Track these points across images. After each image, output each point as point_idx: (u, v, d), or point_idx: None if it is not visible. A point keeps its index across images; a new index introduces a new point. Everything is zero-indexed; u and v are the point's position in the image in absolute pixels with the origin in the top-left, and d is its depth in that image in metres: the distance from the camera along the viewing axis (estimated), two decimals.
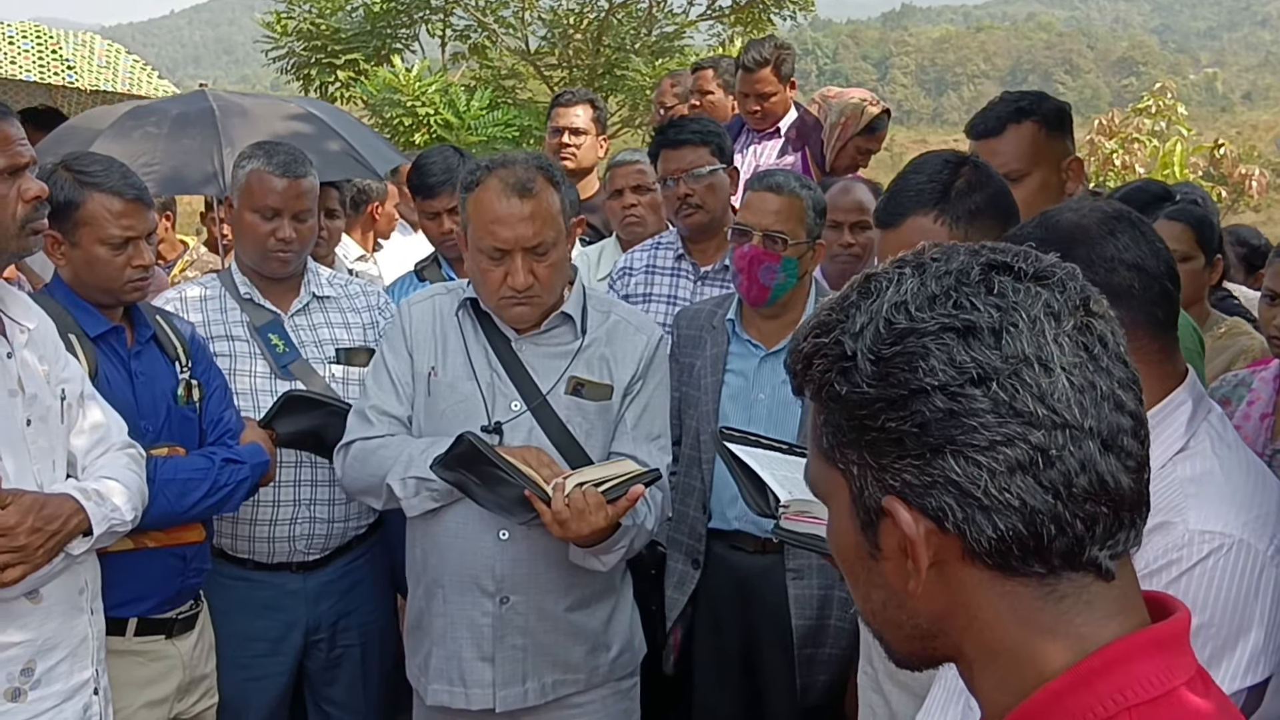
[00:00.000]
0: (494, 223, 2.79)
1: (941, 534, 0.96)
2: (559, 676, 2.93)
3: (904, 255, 1.03)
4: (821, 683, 3.41)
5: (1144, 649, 0.96)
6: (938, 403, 0.94)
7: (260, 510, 3.40)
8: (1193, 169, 12.60)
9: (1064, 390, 0.94)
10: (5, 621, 2.45)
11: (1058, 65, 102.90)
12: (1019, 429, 0.93)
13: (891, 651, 1.08)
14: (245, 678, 3.41)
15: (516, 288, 2.80)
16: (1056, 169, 2.95)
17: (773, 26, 14.24)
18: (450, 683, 2.92)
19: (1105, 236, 1.86)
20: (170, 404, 3.08)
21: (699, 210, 4.10)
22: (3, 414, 2.44)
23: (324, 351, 3.53)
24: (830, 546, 1.09)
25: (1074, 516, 0.95)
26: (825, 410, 1.02)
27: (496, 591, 2.87)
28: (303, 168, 3.46)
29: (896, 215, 2.40)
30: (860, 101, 5.10)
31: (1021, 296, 0.96)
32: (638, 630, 3.13)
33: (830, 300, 1.05)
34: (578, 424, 2.89)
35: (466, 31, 14.79)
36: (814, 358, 1.01)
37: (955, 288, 0.97)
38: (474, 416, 2.86)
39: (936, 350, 0.94)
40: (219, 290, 3.52)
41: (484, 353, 2.92)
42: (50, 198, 2.91)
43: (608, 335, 2.96)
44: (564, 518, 2.63)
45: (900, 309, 0.97)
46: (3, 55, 6.69)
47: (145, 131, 4.92)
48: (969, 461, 0.94)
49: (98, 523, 2.54)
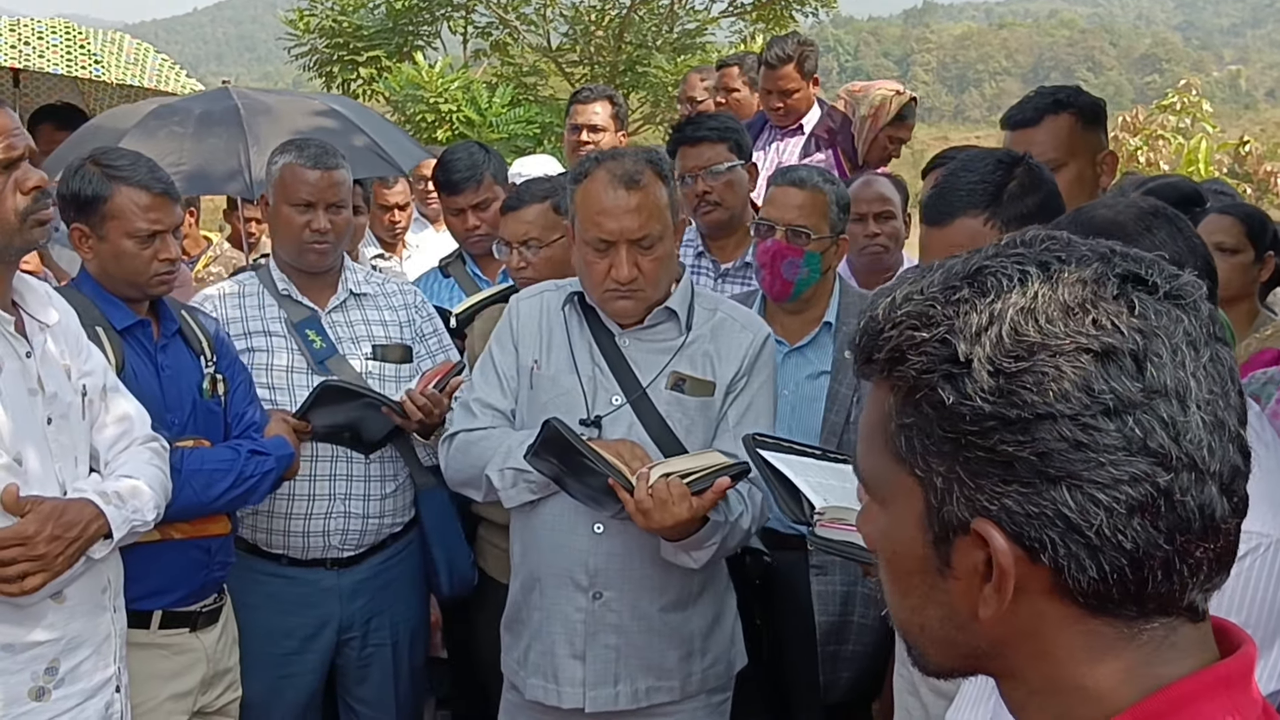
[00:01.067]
0: (600, 214, 2.76)
1: (1032, 564, 0.89)
2: (652, 683, 2.87)
3: (1018, 240, 0.95)
4: (845, 680, 3.39)
5: (1211, 689, 0.89)
6: (1065, 432, 0.85)
7: (295, 505, 3.40)
8: (1217, 166, 12.52)
9: (1197, 429, 0.86)
10: (30, 621, 2.45)
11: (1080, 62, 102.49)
12: (1147, 469, 0.86)
13: (927, 663, 1.01)
14: (277, 674, 3.41)
15: (620, 280, 2.77)
16: (1092, 162, 2.94)
17: (794, 23, 14.24)
18: (545, 678, 2.89)
19: (1142, 233, 1.85)
20: (196, 397, 3.09)
21: (717, 207, 4.09)
22: (24, 413, 2.44)
23: (360, 348, 3.53)
24: (880, 550, 1.01)
25: (1182, 561, 0.88)
26: (915, 413, 0.92)
27: (590, 586, 2.83)
28: (334, 160, 3.48)
29: (945, 215, 2.36)
30: (888, 91, 5.09)
31: (1164, 321, 0.88)
32: (738, 641, 3.05)
33: (922, 284, 0.94)
34: (677, 419, 2.85)
35: (488, 28, 14.84)
36: (909, 351, 0.91)
37: (1093, 301, 0.88)
38: (574, 410, 2.83)
39: (1072, 373, 0.86)
40: (257, 287, 3.54)
41: (587, 347, 2.90)
42: (78, 192, 2.94)
43: (712, 332, 2.91)
44: (646, 507, 2.59)
45: (1028, 317, 0.87)
46: (31, 49, 6.75)
47: (170, 130, 4.94)
48: (1087, 498, 0.86)
49: (118, 526, 2.53)
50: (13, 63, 6.72)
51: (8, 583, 2.36)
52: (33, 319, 2.54)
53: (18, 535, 2.35)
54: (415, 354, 3.60)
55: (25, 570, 2.36)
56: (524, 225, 3.58)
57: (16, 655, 2.42)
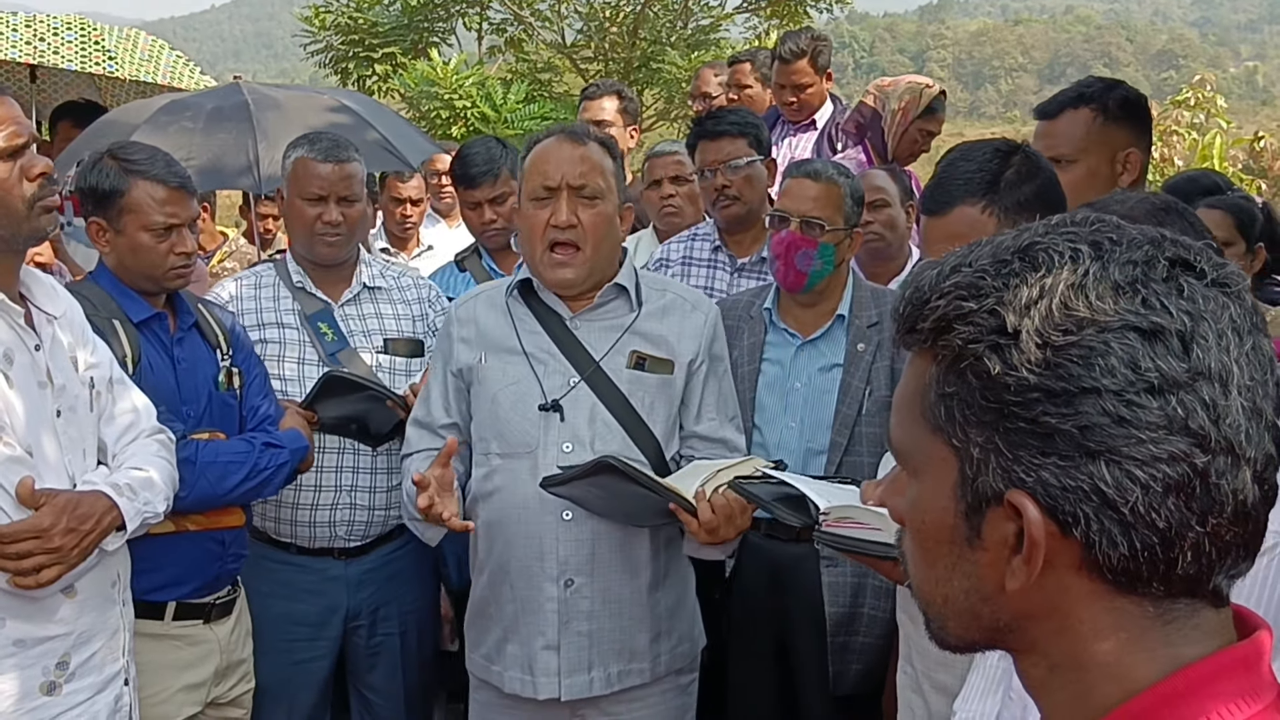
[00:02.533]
0: (543, 163, 2.85)
1: (1062, 538, 0.90)
2: (624, 666, 2.90)
3: (1069, 220, 0.96)
4: (855, 671, 3.40)
5: (1229, 670, 0.90)
6: (1108, 407, 0.86)
7: (303, 495, 3.43)
8: (1232, 162, 12.46)
9: (1237, 414, 0.87)
10: (42, 616, 2.47)
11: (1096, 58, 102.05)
12: (1186, 448, 0.86)
13: (946, 636, 1.02)
14: (288, 661, 3.44)
15: (559, 223, 2.81)
16: (1110, 159, 2.91)
17: (809, 19, 14.22)
18: (521, 670, 2.91)
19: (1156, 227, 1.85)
20: (211, 390, 3.12)
21: (736, 202, 4.10)
22: (33, 407, 2.45)
23: (372, 341, 3.56)
24: (908, 520, 1.01)
25: (1212, 544, 0.89)
26: (958, 382, 0.93)
27: (560, 575, 2.85)
28: (346, 153, 3.52)
29: (943, 204, 2.39)
30: (917, 85, 5.07)
31: (1211, 306, 0.89)
32: (698, 621, 3.11)
33: (970, 258, 0.95)
34: (639, 398, 2.88)
35: (503, 25, 14.85)
36: (956, 321, 0.92)
37: (1143, 281, 0.89)
38: (528, 396, 2.86)
39: (1119, 349, 0.87)
40: (274, 279, 3.58)
41: (534, 334, 2.92)
42: (96, 185, 2.97)
43: (664, 311, 2.96)
44: (713, 525, 2.66)
45: (1079, 293, 0.88)
46: (46, 46, 6.79)
47: (181, 126, 4.97)
48: (1124, 473, 0.87)
49: (130, 518, 2.55)
50: (28, 59, 6.76)
51: (24, 575, 2.37)
52: (40, 311, 2.56)
53: (34, 528, 2.37)
54: (426, 348, 3.62)
55: (41, 563, 2.38)
56: None
57: (29, 650, 2.44)
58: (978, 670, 1.91)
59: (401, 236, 6.12)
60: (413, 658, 3.67)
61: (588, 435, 2.84)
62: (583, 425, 2.85)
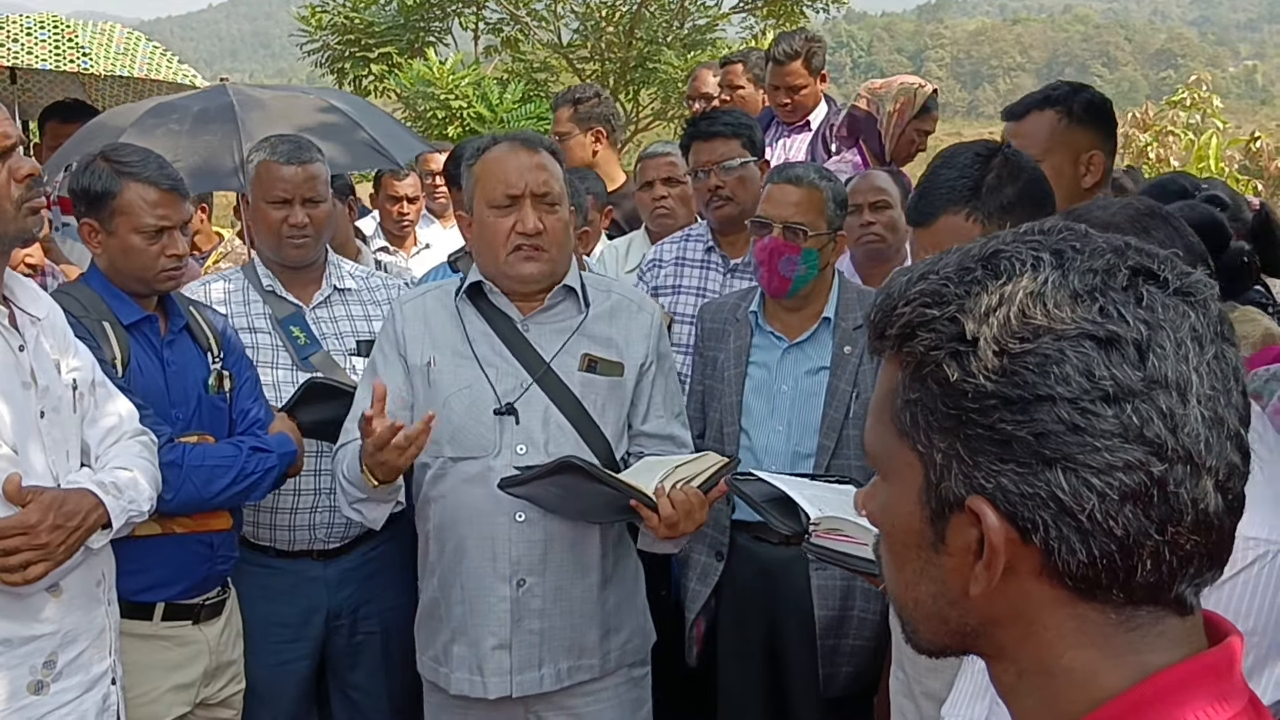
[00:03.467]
0: (505, 171, 2.88)
1: (1023, 545, 0.90)
2: (573, 662, 2.94)
3: (1036, 228, 0.96)
4: (845, 674, 3.41)
5: (1198, 677, 0.91)
6: (1063, 414, 0.87)
7: (281, 499, 3.43)
8: (1229, 162, 12.47)
9: (1195, 423, 0.88)
10: (27, 615, 2.47)
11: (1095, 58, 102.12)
12: (1142, 457, 0.87)
13: (919, 640, 1.03)
14: (271, 663, 3.44)
15: (527, 230, 2.84)
16: (1073, 160, 2.95)
17: (805, 19, 14.22)
18: (470, 671, 2.93)
19: (1139, 234, 1.83)
20: (201, 393, 3.12)
21: (729, 202, 4.10)
22: (17, 407, 2.46)
23: (345, 344, 3.56)
24: (881, 524, 1.03)
25: (1172, 553, 0.89)
26: (920, 388, 0.94)
27: (512, 575, 2.88)
28: (308, 154, 3.50)
29: (927, 215, 2.39)
30: (910, 85, 5.07)
31: (1170, 315, 0.89)
32: (648, 617, 3.15)
33: (938, 266, 0.96)
34: (591, 400, 2.91)
35: (499, 25, 14.86)
36: (919, 328, 0.93)
37: (1101, 290, 0.89)
38: (481, 400, 2.87)
39: (1074, 357, 0.87)
40: (242, 283, 3.58)
41: (486, 336, 2.94)
42: (88, 187, 2.97)
43: (611, 312, 2.99)
44: (674, 520, 2.69)
45: (1037, 301, 0.89)
46: (20, 46, 6.74)
47: (168, 129, 4.97)
48: (1080, 481, 0.87)
49: (116, 515, 2.56)
50: (3, 61, 6.72)
51: (10, 572, 2.38)
52: (24, 312, 2.56)
53: (20, 524, 2.38)
54: None
55: (28, 559, 2.39)
56: None
57: (15, 649, 2.45)
58: (965, 675, 1.91)
59: (398, 235, 6.12)
60: (395, 656, 3.65)
61: (541, 437, 2.86)
62: (536, 427, 2.87)
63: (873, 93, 5.06)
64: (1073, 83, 3.11)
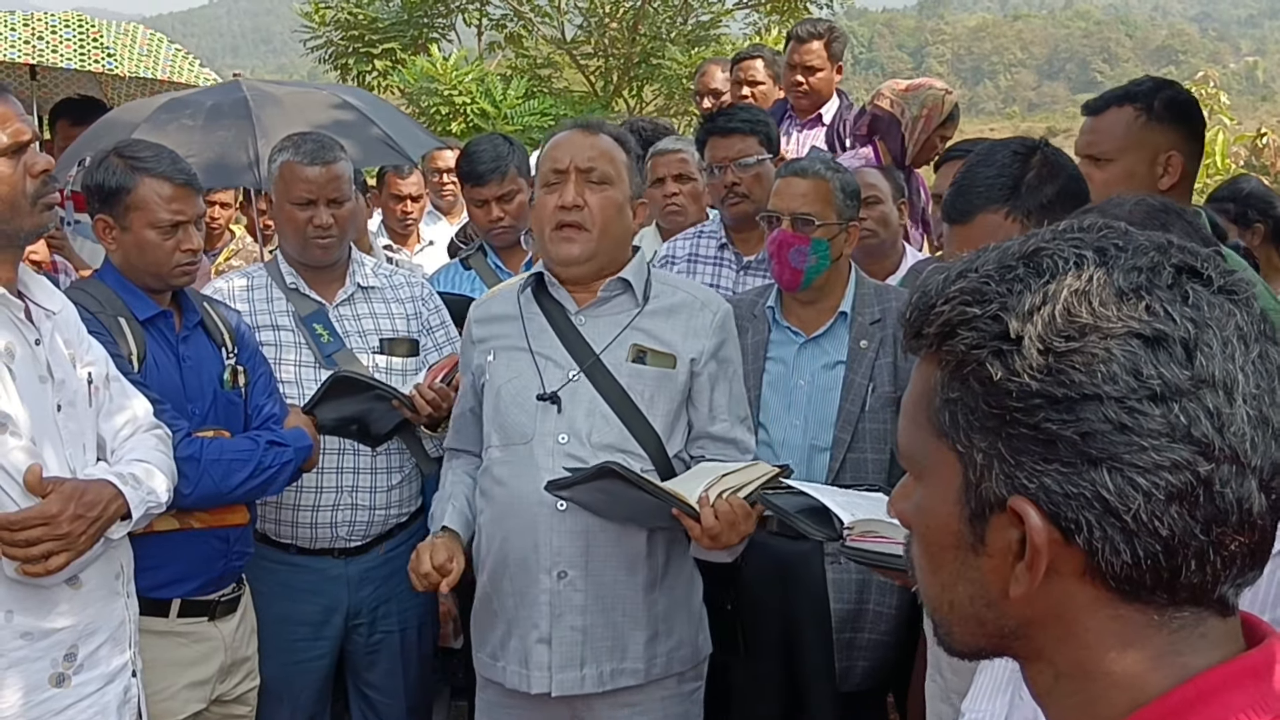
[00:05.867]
0: (554, 148, 2.91)
1: (1066, 546, 0.89)
2: (617, 665, 2.88)
3: (1076, 226, 0.96)
4: (861, 668, 3.41)
5: (1238, 679, 0.89)
6: (1110, 414, 0.86)
7: (303, 496, 3.44)
8: (1234, 158, 12.45)
9: (1242, 422, 0.87)
10: (48, 608, 2.48)
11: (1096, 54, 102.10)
12: (1189, 456, 0.86)
13: (952, 642, 1.02)
14: (288, 661, 3.45)
15: (565, 203, 2.84)
16: (1150, 160, 2.85)
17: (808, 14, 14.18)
18: (519, 664, 2.90)
19: (1156, 230, 1.84)
20: (216, 388, 3.12)
21: (745, 199, 4.11)
22: (34, 401, 2.46)
23: (368, 341, 3.56)
24: (914, 525, 1.01)
25: (1216, 553, 0.88)
26: (961, 388, 0.92)
27: (553, 566, 2.84)
28: (332, 154, 3.49)
29: (965, 212, 2.37)
30: (939, 92, 5.04)
31: (1216, 313, 0.88)
32: (703, 627, 3.07)
33: (977, 264, 0.95)
34: (638, 391, 2.88)
35: (503, 20, 14.84)
36: (960, 326, 0.92)
37: (1147, 288, 0.88)
38: (529, 388, 2.87)
39: (1121, 356, 0.86)
40: (265, 280, 3.57)
41: (541, 326, 2.94)
42: (103, 183, 2.97)
43: (671, 309, 2.95)
44: (716, 531, 2.67)
45: (1083, 299, 0.88)
46: (45, 44, 6.74)
47: (181, 124, 4.96)
48: (1126, 481, 0.86)
49: (135, 506, 2.57)
50: (27, 58, 6.72)
51: (32, 563, 2.39)
52: (39, 307, 2.57)
53: (42, 515, 2.39)
54: (422, 347, 3.63)
55: (50, 549, 2.40)
56: None
57: (36, 643, 2.46)
58: (985, 670, 1.91)
59: (402, 233, 6.12)
60: (413, 654, 3.67)
61: (585, 427, 2.84)
62: (580, 417, 2.85)
63: (897, 94, 5.03)
64: (1158, 78, 2.99)
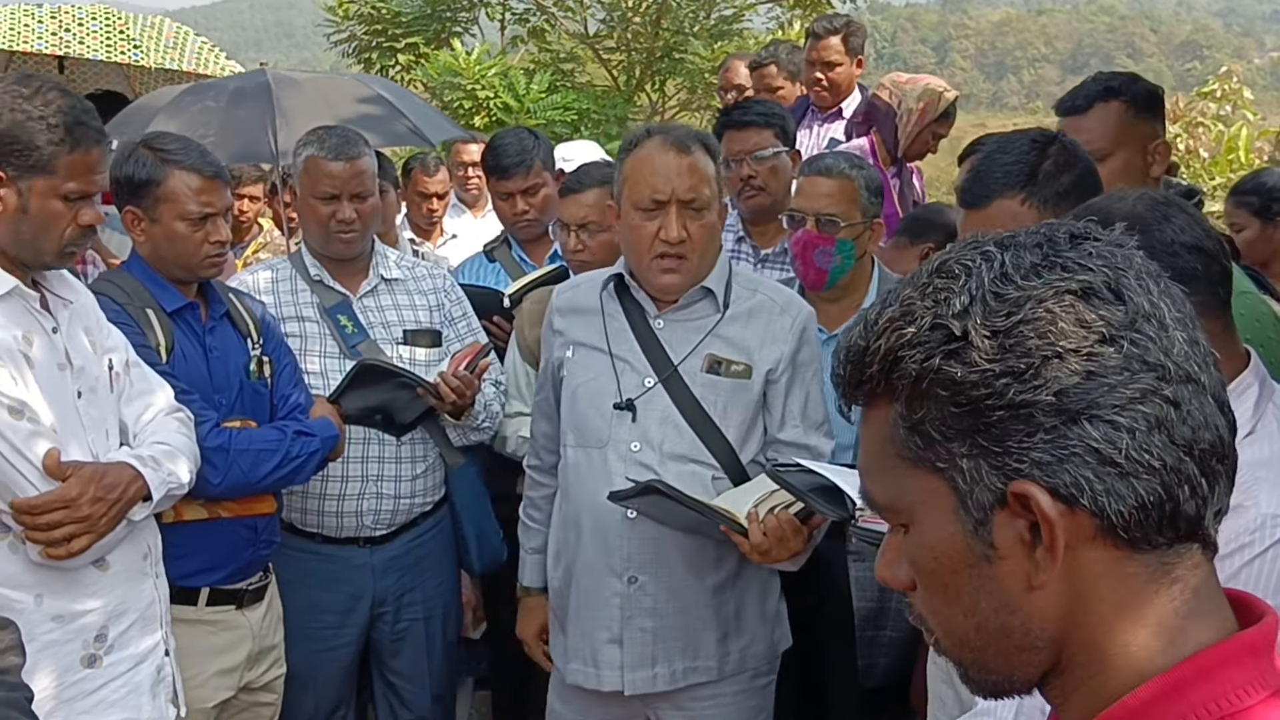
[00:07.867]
0: (652, 174, 2.80)
1: (1073, 514, 0.91)
2: (689, 664, 2.89)
3: (965, 244, 0.98)
4: (882, 665, 3.41)
5: (1238, 655, 0.92)
6: (1074, 366, 0.89)
7: (329, 485, 3.46)
8: (1258, 154, 12.37)
9: (1181, 344, 0.92)
10: (77, 590, 2.52)
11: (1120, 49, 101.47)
12: (1152, 382, 0.90)
13: (987, 675, 1.00)
14: (314, 649, 3.48)
15: (670, 239, 2.78)
16: (1142, 151, 2.91)
17: (831, 9, 14.15)
18: (584, 663, 2.92)
19: (1161, 221, 1.85)
20: (243, 379, 3.15)
21: (761, 192, 4.12)
22: (54, 388, 2.49)
23: (391, 333, 3.58)
24: (917, 572, 1.00)
25: (1202, 475, 0.92)
26: (924, 404, 0.94)
27: (624, 571, 2.85)
28: (356, 149, 3.51)
29: (982, 197, 2.38)
30: (937, 88, 5.06)
31: (1119, 259, 0.94)
32: (780, 623, 3.06)
33: (889, 299, 0.98)
34: (712, 402, 2.85)
35: (525, 15, 14.83)
36: (902, 350, 0.94)
37: (1054, 254, 0.94)
38: (605, 393, 2.86)
39: (1062, 313, 0.90)
40: (289, 272, 3.60)
41: (621, 329, 2.92)
42: (132, 175, 3.00)
43: (750, 313, 2.91)
44: (765, 548, 2.66)
45: (1006, 281, 0.92)
46: (72, 36, 6.81)
47: (204, 106, 5.04)
48: (1109, 424, 0.89)
49: (156, 488, 2.60)
50: (54, 50, 6.78)
51: (55, 546, 2.42)
52: (56, 296, 2.60)
53: (62, 498, 2.42)
54: (445, 338, 3.65)
55: (71, 532, 2.43)
56: (583, 209, 3.63)
57: (66, 625, 2.49)
58: None
59: (426, 228, 6.15)
60: (438, 643, 3.70)
61: (657, 436, 2.83)
62: (653, 426, 2.84)
63: (897, 86, 5.05)
64: (1123, 73, 3.07)
